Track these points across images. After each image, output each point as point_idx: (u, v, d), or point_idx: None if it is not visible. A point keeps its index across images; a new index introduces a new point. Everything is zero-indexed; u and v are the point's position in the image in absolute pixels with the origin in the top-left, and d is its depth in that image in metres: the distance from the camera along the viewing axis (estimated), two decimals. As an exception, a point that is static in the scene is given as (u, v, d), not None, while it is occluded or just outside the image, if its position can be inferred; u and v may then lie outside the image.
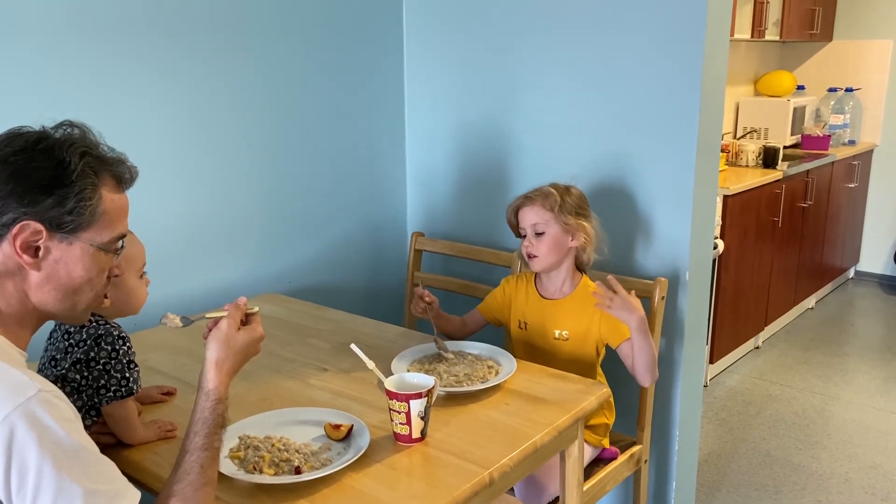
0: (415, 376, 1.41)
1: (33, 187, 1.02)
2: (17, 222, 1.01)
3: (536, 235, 1.79)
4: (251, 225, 2.22)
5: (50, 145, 1.05)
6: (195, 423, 1.12)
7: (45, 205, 1.02)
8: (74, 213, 1.04)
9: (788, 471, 2.75)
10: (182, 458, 1.10)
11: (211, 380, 1.15)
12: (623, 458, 1.92)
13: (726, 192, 3.29)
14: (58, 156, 1.04)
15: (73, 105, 1.77)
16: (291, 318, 2.02)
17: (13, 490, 0.92)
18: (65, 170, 1.04)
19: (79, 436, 0.97)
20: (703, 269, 2.11)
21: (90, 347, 1.30)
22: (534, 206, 1.79)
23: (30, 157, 1.03)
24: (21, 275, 1.04)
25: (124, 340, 1.34)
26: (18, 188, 1.01)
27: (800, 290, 4.24)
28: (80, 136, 1.09)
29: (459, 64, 2.41)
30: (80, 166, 1.05)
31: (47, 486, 0.92)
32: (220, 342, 1.17)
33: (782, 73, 4.66)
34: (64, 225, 1.04)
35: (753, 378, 3.57)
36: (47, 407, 0.94)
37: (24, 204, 1.02)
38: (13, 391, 0.94)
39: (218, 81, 2.06)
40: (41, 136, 1.06)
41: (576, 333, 1.82)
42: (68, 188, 1.04)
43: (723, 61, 1.99)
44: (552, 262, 1.81)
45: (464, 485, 1.22)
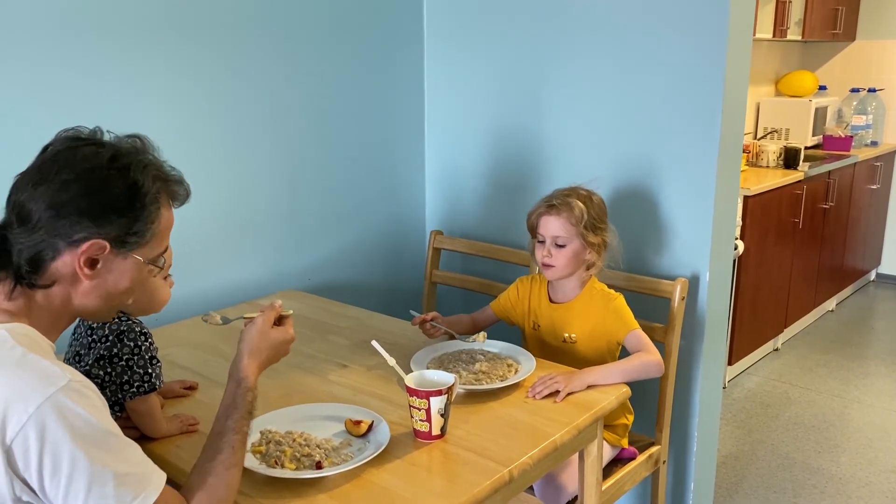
0: (435, 373, 1.42)
1: (108, 208, 1.06)
2: (88, 241, 1.05)
3: (556, 247, 1.77)
4: (272, 222, 2.23)
5: (125, 165, 1.07)
6: (226, 409, 1.16)
7: (115, 224, 1.06)
8: (138, 235, 1.09)
9: (807, 474, 2.73)
10: (213, 439, 1.14)
11: (243, 369, 1.19)
12: (641, 459, 1.91)
13: (747, 192, 3.27)
14: (132, 178, 1.07)
15: (95, 103, 1.80)
16: (312, 315, 2.03)
17: (46, 478, 0.94)
18: (138, 192, 1.08)
19: (107, 422, 1.00)
20: (723, 269, 2.10)
21: (113, 343, 1.32)
22: (559, 218, 1.76)
23: (106, 176, 1.06)
24: (71, 281, 1.07)
25: (146, 336, 1.35)
26: (94, 207, 1.04)
27: (820, 292, 4.21)
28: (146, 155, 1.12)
29: (479, 63, 2.41)
30: (151, 190, 1.09)
31: (81, 473, 0.94)
32: (254, 335, 1.22)
33: (804, 73, 4.62)
34: (126, 244, 1.08)
35: (772, 380, 3.54)
36: (77, 396, 0.97)
37: (97, 224, 1.05)
38: (45, 381, 0.96)
39: (241, 81, 2.07)
40: (114, 153, 1.08)
41: (583, 334, 1.81)
42: (139, 212, 1.08)
43: (745, 61, 1.98)
44: (567, 273, 1.80)
45: (484, 482, 1.22)
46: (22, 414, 0.93)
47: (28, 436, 0.93)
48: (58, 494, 0.95)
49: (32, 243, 1.03)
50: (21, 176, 1.07)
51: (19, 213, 1.04)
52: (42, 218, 1.03)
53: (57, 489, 0.95)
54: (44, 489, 0.96)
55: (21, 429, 0.93)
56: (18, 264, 1.04)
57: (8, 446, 0.94)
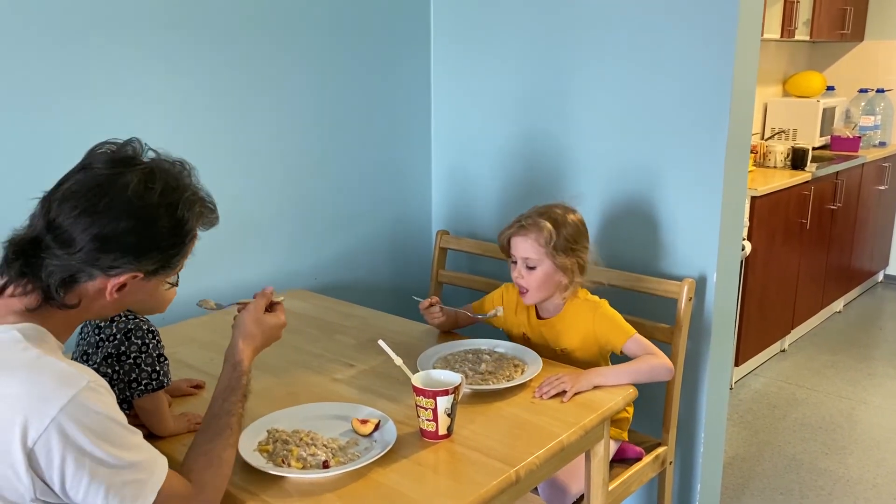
0: (441, 373, 1.42)
1: (152, 246, 1.08)
2: (126, 273, 1.07)
3: (527, 268, 1.73)
4: (279, 222, 2.24)
5: (174, 202, 1.09)
6: (223, 391, 1.20)
7: (153, 259, 1.09)
8: (171, 267, 1.13)
9: (814, 475, 2.72)
10: (212, 421, 1.18)
11: (238, 353, 1.24)
12: (648, 460, 1.91)
13: (754, 193, 3.26)
14: (179, 215, 1.09)
15: (107, 103, 1.80)
16: (318, 315, 2.03)
17: (67, 479, 0.97)
18: (181, 229, 1.10)
19: (120, 416, 1.03)
20: (731, 270, 2.10)
21: (120, 342, 1.32)
22: (527, 238, 1.72)
23: (156, 216, 1.07)
24: (94, 297, 1.09)
25: (153, 334, 1.36)
26: (139, 245, 1.06)
27: (827, 293, 4.19)
28: (190, 180, 1.13)
29: (486, 64, 2.41)
30: (194, 228, 1.12)
31: (101, 470, 0.98)
32: (248, 321, 1.26)
33: (812, 74, 4.60)
34: (157, 274, 1.11)
35: (779, 381, 3.53)
36: (95, 396, 0.99)
37: (138, 261, 1.07)
38: (64, 384, 0.98)
39: (250, 83, 2.08)
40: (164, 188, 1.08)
41: (574, 345, 1.78)
42: (178, 248, 1.11)
43: (753, 61, 1.97)
44: (543, 296, 1.77)
45: (490, 482, 1.22)
46: (44, 418, 0.95)
47: (50, 439, 0.95)
48: (78, 493, 0.98)
49: (67, 267, 1.04)
50: (61, 194, 1.05)
51: (58, 236, 1.04)
52: (85, 248, 1.03)
53: (78, 488, 0.98)
54: (65, 489, 0.98)
55: (43, 432, 0.95)
56: (48, 283, 1.04)
57: (30, 449, 0.95)
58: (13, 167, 1.69)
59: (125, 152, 1.11)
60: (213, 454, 1.14)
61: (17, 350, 1.00)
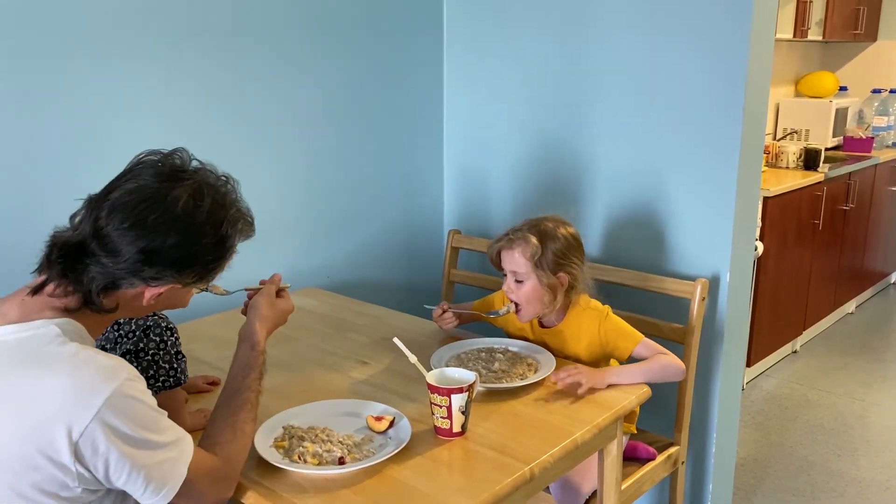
0: (455, 371, 1.42)
1: (194, 261, 1.11)
2: (167, 284, 1.11)
3: (516, 282, 1.71)
4: (292, 221, 2.25)
5: (219, 220, 1.12)
6: (241, 369, 1.26)
7: (193, 272, 1.12)
8: (209, 279, 1.16)
9: (826, 477, 2.71)
10: (231, 396, 1.23)
11: (255, 333, 1.29)
12: (660, 459, 1.91)
13: (766, 193, 3.25)
14: (223, 232, 1.13)
15: (121, 105, 1.82)
16: (331, 313, 2.04)
17: (111, 467, 1.02)
18: (223, 245, 1.14)
19: (153, 402, 1.09)
20: (743, 270, 2.09)
21: (139, 339, 1.34)
22: (513, 253, 1.69)
23: (202, 232, 1.10)
24: (130, 300, 1.13)
25: (172, 331, 1.37)
26: (182, 260, 1.10)
27: (840, 294, 4.17)
28: (235, 197, 1.17)
29: (498, 63, 2.42)
30: (235, 245, 1.16)
31: (142, 456, 1.03)
32: (264, 304, 1.33)
33: (824, 74, 4.58)
34: (195, 284, 1.15)
35: (791, 382, 3.52)
36: (132, 388, 1.04)
37: (180, 274, 1.11)
38: (105, 378, 1.02)
39: (261, 80, 2.09)
40: (212, 206, 1.11)
41: (582, 353, 1.75)
42: (217, 262, 1.15)
43: (767, 61, 1.97)
44: (536, 311, 1.73)
45: (504, 479, 1.23)
46: (88, 411, 0.99)
47: (95, 432, 0.99)
48: (121, 478, 1.03)
49: (110, 274, 1.08)
50: (110, 204, 1.07)
51: (105, 245, 1.07)
52: (130, 259, 1.06)
53: (121, 473, 1.03)
54: (108, 476, 1.03)
55: (88, 425, 0.99)
56: (89, 288, 1.08)
57: (76, 442, 0.99)
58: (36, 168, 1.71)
59: (173, 163, 1.13)
60: (237, 427, 1.19)
61: (56, 344, 1.03)
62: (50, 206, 1.72)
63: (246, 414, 1.21)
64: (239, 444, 1.19)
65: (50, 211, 1.71)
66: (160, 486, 1.06)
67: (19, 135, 1.68)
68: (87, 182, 1.19)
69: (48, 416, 0.99)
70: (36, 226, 1.70)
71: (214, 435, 1.18)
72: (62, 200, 1.68)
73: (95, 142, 1.79)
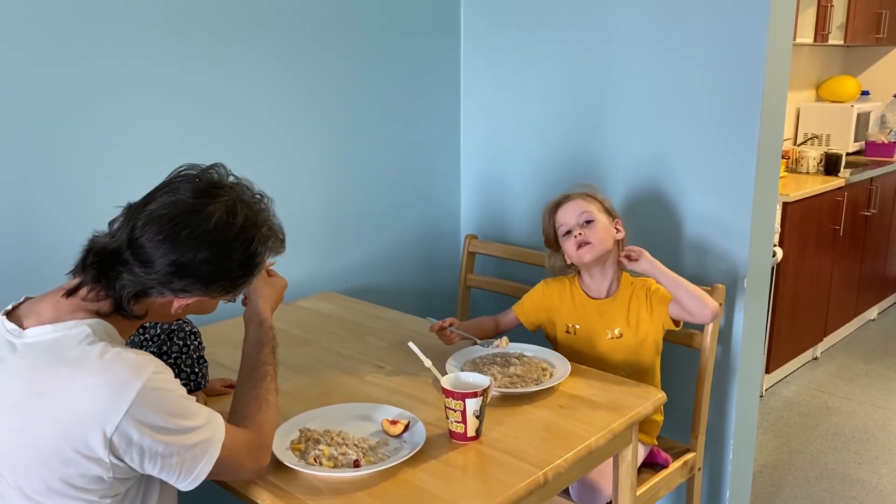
0: (470, 376, 1.43)
1: (223, 276, 1.14)
2: (195, 297, 1.15)
3: (587, 224, 1.79)
4: (310, 226, 2.27)
5: (250, 238, 1.15)
6: (254, 346, 1.31)
7: (222, 286, 1.16)
8: (234, 293, 1.20)
9: (847, 485, 2.68)
10: (250, 372, 1.28)
11: (260, 312, 1.35)
12: (676, 465, 1.90)
13: (786, 199, 3.23)
14: (252, 249, 1.16)
15: (138, 103, 1.85)
16: (348, 317, 2.06)
17: (146, 459, 1.06)
18: (252, 262, 1.17)
19: (181, 390, 1.12)
20: (761, 276, 2.08)
21: (163, 342, 1.36)
22: (576, 201, 1.82)
23: (232, 248, 1.13)
24: (161, 308, 1.17)
25: (195, 336, 1.39)
26: (211, 274, 1.13)
27: (861, 300, 4.13)
28: (268, 214, 1.21)
29: (515, 66, 2.43)
30: (263, 262, 1.19)
31: (175, 444, 1.08)
32: (262, 283, 1.37)
33: (846, 79, 4.54)
34: (221, 296, 1.19)
35: (811, 389, 3.49)
36: (160, 380, 1.09)
37: (209, 289, 1.14)
38: (133, 373, 1.06)
39: (278, 85, 2.11)
40: (244, 224, 1.14)
41: (630, 329, 1.81)
42: (245, 278, 1.18)
43: (785, 66, 1.96)
44: (605, 250, 1.78)
45: (519, 483, 1.23)
46: (122, 406, 1.03)
47: (127, 427, 1.03)
48: (155, 466, 1.07)
49: (141, 283, 1.11)
50: (146, 216, 1.11)
51: (139, 255, 1.10)
52: (161, 270, 1.10)
53: (155, 461, 1.08)
54: (143, 465, 1.07)
55: (121, 421, 1.03)
56: (121, 295, 1.11)
57: (109, 438, 1.03)
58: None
59: (210, 178, 1.16)
60: (261, 398, 1.24)
61: (86, 344, 1.08)
62: (57, 208, 1.76)
63: (267, 385, 1.26)
64: (266, 414, 1.24)
65: (58, 212, 1.74)
66: (192, 469, 1.10)
67: (35, 138, 1.71)
68: (113, 189, 1.22)
69: (81, 415, 1.03)
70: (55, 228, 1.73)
71: (241, 409, 1.24)
72: (67, 201, 1.72)
73: (114, 147, 1.82)
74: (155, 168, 1.26)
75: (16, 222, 1.69)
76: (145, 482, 1.16)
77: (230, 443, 1.15)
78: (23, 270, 1.69)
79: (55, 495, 1.06)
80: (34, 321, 1.10)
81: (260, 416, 1.23)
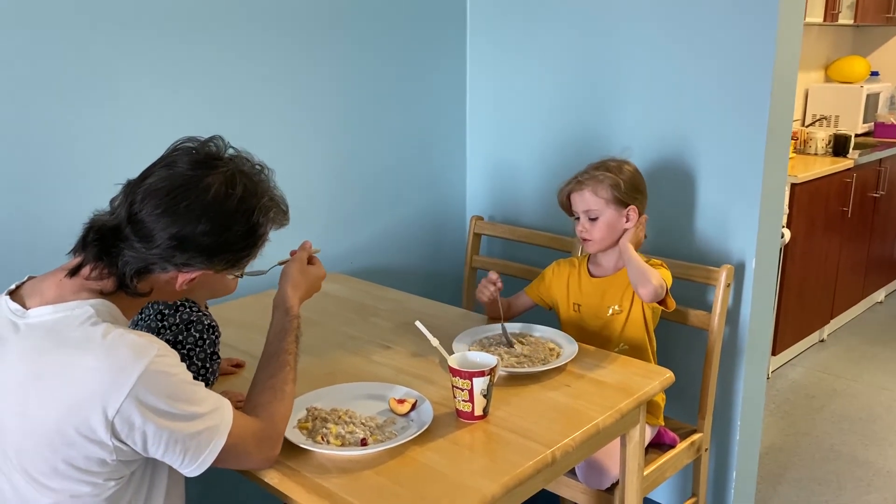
0: (477, 355, 1.43)
1: (225, 248, 1.13)
2: (198, 270, 1.13)
3: (590, 220, 1.79)
4: (316, 207, 2.26)
5: (250, 208, 1.14)
6: (277, 334, 1.27)
7: (225, 258, 1.14)
8: (241, 265, 1.18)
9: (853, 467, 2.68)
10: (270, 359, 1.24)
11: (288, 300, 1.30)
12: (683, 446, 1.90)
13: (794, 180, 3.21)
14: (254, 220, 1.14)
15: (145, 94, 1.84)
16: (354, 297, 2.05)
17: (149, 441, 1.04)
18: (254, 233, 1.15)
19: (186, 374, 1.11)
20: (769, 257, 2.07)
21: (179, 331, 1.36)
22: (584, 192, 1.79)
23: (233, 220, 1.12)
24: (164, 285, 1.15)
25: (213, 330, 1.39)
26: (213, 246, 1.11)
27: (869, 282, 4.11)
28: (268, 184, 1.19)
29: (521, 47, 2.40)
30: (267, 232, 1.17)
31: (178, 429, 1.06)
32: (295, 271, 1.34)
33: (855, 59, 4.49)
34: (226, 270, 1.17)
35: (817, 371, 3.48)
36: (164, 363, 1.06)
37: (211, 261, 1.13)
38: (136, 356, 1.04)
39: (283, 67, 2.10)
40: (243, 194, 1.13)
41: (625, 305, 1.82)
42: (248, 250, 1.16)
43: (796, 46, 1.94)
44: (607, 245, 1.82)
45: (526, 462, 1.23)
46: (122, 389, 1.01)
47: (130, 408, 1.02)
48: (158, 449, 1.06)
49: (143, 259, 1.10)
50: (144, 190, 1.10)
51: (139, 230, 1.09)
52: (162, 244, 1.09)
53: (158, 444, 1.06)
54: (146, 448, 1.05)
55: (122, 403, 1.01)
56: (124, 272, 1.10)
57: (111, 421, 1.02)
58: (60, 150, 1.73)
59: (208, 151, 1.15)
60: (276, 388, 1.21)
61: (89, 325, 1.06)
62: (61, 187, 1.75)
63: (285, 375, 1.23)
64: (280, 405, 1.21)
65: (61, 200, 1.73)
66: (196, 456, 1.09)
67: (36, 126, 1.71)
68: (118, 171, 1.20)
69: (84, 396, 1.02)
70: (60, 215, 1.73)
71: (255, 397, 1.21)
72: (72, 181, 1.71)
73: (119, 133, 1.81)
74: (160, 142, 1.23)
75: (20, 201, 1.69)
76: (152, 466, 1.15)
77: (238, 431, 1.12)
78: (27, 251, 1.69)
79: (59, 477, 1.05)
80: (37, 301, 1.09)
81: (273, 406, 1.20)
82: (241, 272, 1.23)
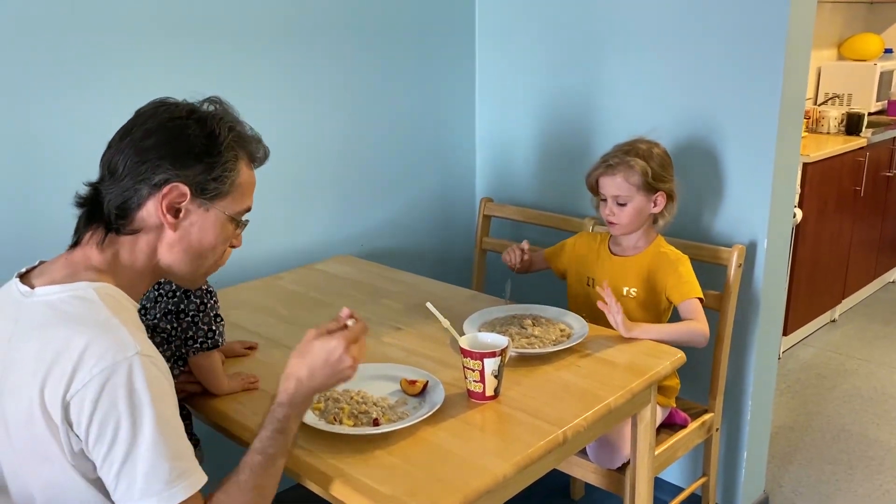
0: (488, 336, 1.43)
1: (187, 152, 1.10)
2: (168, 183, 1.09)
3: (618, 205, 1.78)
4: (326, 189, 2.26)
5: (203, 116, 1.13)
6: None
7: (194, 170, 1.11)
8: (217, 182, 1.13)
9: (864, 446, 2.68)
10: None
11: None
12: (694, 426, 1.91)
13: (806, 159, 3.18)
14: (210, 127, 1.12)
15: (170, 77, 1.84)
16: (364, 279, 2.06)
17: (91, 440, 0.98)
18: (214, 140, 1.12)
19: (164, 405, 1.01)
20: (781, 237, 2.06)
21: (180, 300, 1.37)
22: (615, 178, 1.77)
23: (185, 124, 1.11)
24: (157, 233, 1.12)
25: (211, 294, 1.40)
26: (174, 151, 1.09)
27: (881, 262, 4.08)
28: (224, 111, 1.17)
29: (531, 26, 2.38)
30: (227, 139, 1.13)
31: (120, 444, 0.97)
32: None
33: (869, 36, 4.43)
34: (206, 191, 1.12)
35: (829, 351, 3.47)
36: (140, 371, 0.99)
37: (176, 167, 1.09)
38: (116, 348, 0.99)
39: (291, 50, 2.09)
40: (193, 108, 1.14)
41: (645, 290, 1.81)
42: (216, 158, 1.12)
43: (809, 23, 1.92)
44: (633, 229, 1.83)
45: (538, 442, 1.23)
46: (90, 370, 0.97)
47: (86, 395, 0.97)
48: (98, 457, 0.99)
49: (119, 191, 1.09)
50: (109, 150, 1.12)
51: (108, 167, 1.11)
52: (127, 165, 1.09)
53: (99, 452, 0.98)
54: (89, 450, 1.00)
55: (82, 387, 0.97)
56: (108, 212, 1.10)
57: (67, 402, 0.98)
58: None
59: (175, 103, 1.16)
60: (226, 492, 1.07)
61: (89, 307, 1.04)
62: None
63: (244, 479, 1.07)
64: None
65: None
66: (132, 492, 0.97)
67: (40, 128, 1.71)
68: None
69: (56, 371, 0.98)
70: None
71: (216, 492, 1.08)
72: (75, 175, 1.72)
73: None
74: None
75: (23, 193, 1.70)
76: None
77: None
78: (32, 235, 1.70)
79: (38, 459, 1.01)
80: (44, 281, 1.08)
81: None
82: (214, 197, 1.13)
